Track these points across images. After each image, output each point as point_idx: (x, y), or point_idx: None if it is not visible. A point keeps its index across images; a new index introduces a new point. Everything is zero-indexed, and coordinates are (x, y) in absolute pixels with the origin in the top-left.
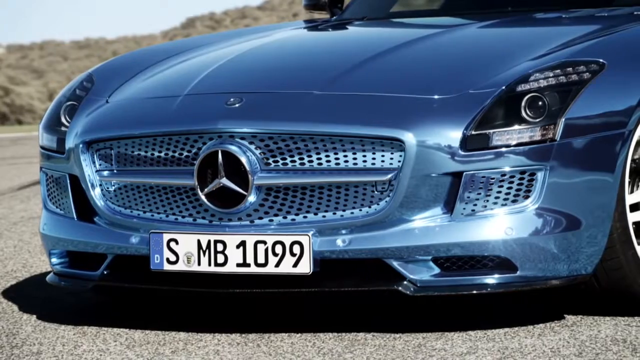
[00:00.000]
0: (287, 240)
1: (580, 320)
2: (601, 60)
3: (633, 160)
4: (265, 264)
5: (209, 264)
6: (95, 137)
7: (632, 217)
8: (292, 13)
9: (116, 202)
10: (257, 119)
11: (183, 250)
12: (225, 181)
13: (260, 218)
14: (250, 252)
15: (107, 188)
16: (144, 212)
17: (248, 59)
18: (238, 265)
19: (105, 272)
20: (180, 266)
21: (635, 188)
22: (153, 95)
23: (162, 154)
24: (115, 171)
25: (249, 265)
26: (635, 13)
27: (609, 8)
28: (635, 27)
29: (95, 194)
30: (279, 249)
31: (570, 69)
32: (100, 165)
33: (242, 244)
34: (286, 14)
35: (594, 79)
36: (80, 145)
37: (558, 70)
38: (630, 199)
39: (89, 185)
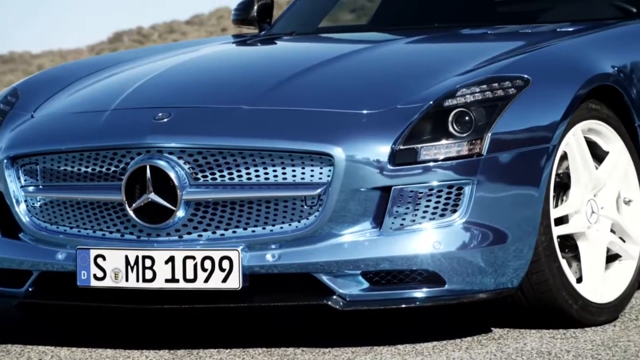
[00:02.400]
0: (216, 255)
1: (506, 334)
2: (526, 75)
3: (557, 175)
4: (194, 280)
5: (137, 280)
6: (20, 152)
7: (557, 230)
8: (221, 28)
9: (42, 218)
10: (186, 134)
11: (110, 266)
12: (153, 196)
13: (189, 233)
14: (179, 268)
15: (33, 204)
16: (71, 228)
17: (176, 73)
18: (167, 280)
19: (30, 289)
20: (108, 282)
21: (559, 202)
22: (80, 110)
23: (89, 169)
24: (40, 187)
25: (177, 280)
26: (558, 30)
27: (533, 25)
28: (558, 43)
29: (20, 210)
30: (208, 264)
31: (496, 85)
32: (25, 180)
33: (171, 259)
34: (215, 28)
35: (519, 95)
36: (5, 161)
37: (484, 86)
38: (554, 212)
39: (14, 201)
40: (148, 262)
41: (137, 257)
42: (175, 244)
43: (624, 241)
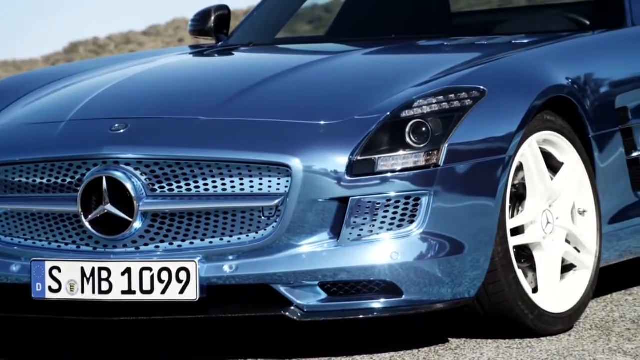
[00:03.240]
0: (174, 266)
1: (463, 344)
2: (482, 87)
3: (513, 185)
4: (151, 291)
5: (93, 292)
6: None
7: (513, 241)
8: (178, 38)
9: None
10: (143, 145)
11: (66, 278)
12: (109, 207)
13: (146, 244)
14: (136, 279)
15: None
16: (26, 239)
17: (133, 84)
18: (123, 292)
19: None
20: (63, 294)
21: (515, 212)
22: (35, 121)
23: (45, 181)
24: None
25: (134, 292)
26: (513, 42)
27: (488, 36)
28: (514, 55)
29: None
30: (165, 275)
31: (452, 96)
32: None
33: (128, 271)
34: (171, 39)
35: (476, 106)
36: None
37: (441, 97)
38: (511, 223)
39: None
40: (104, 274)
41: (93, 268)
42: (132, 255)
43: (578, 251)
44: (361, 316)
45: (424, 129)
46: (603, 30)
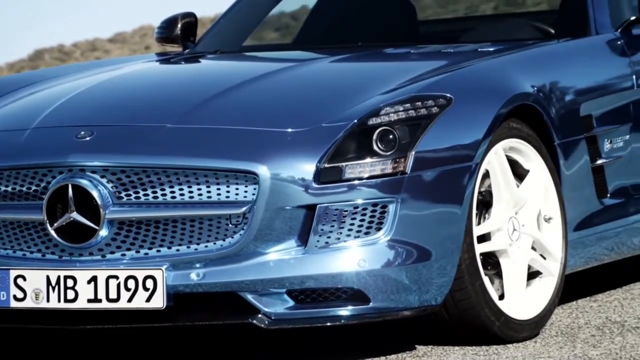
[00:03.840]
0: (140, 274)
1: (430, 351)
2: (448, 94)
3: (480, 193)
4: (117, 299)
5: (59, 301)
6: None
7: (480, 248)
8: (144, 46)
9: None
10: (109, 152)
11: (31, 287)
12: (75, 215)
13: (113, 252)
14: (102, 288)
15: None
16: None
17: (99, 91)
18: (89, 301)
19: None
20: (28, 303)
21: (482, 220)
22: (0, 129)
23: (9, 189)
24: None
25: (100, 300)
26: (479, 50)
27: (455, 44)
28: (480, 63)
29: None
30: (131, 283)
31: (419, 103)
32: None
33: (94, 279)
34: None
35: (442, 113)
36: None
37: (408, 105)
38: (477, 230)
39: None
40: (70, 282)
41: (58, 277)
42: (98, 263)
43: (544, 258)
44: (328, 324)
45: (391, 136)
46: (568, 38)
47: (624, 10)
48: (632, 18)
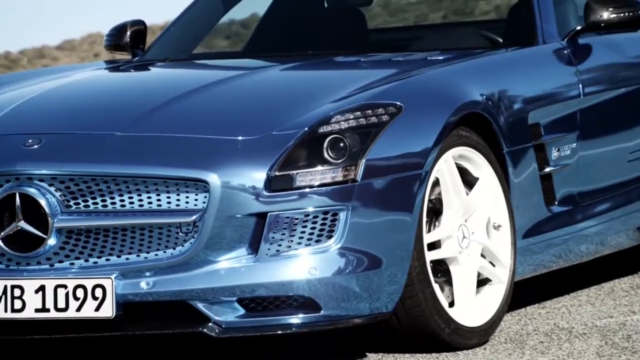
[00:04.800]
0: (89, 283)
1: (381, 358)
2: (398, 103)
3: (430, 201)
4: (65, 309)
5: (6, 310)
6: None
7: (430, 255)
8: (93, 53)
9: None
10: (57, 161)
11: None
12: (23, 224)
13: (61, 262)
14: (50, 297)
15: None
16: None
17: (47, 99)
18: (37, 310)
19: None
20: None
21: (432, 227)
22: None
23: None
24: None
25: (48, 310)
26: (429, 58)
27: (404, 53)
28: (430, 71)
29: None
30: (80, 292)
31: (369, 111)
32: None
33: (42, 288)
34: (87, 54)
35: (392, 121)
36: None
37: (358, 113)
38: (427, 238)
39: None
40: (17, 292)
41: (5, 286)
42: (46, 272)
43: (493, 265)
44: (279, 332)
45: (341, 144)
46: (516, 47)
47: (570, 20)
48: (578, 28)
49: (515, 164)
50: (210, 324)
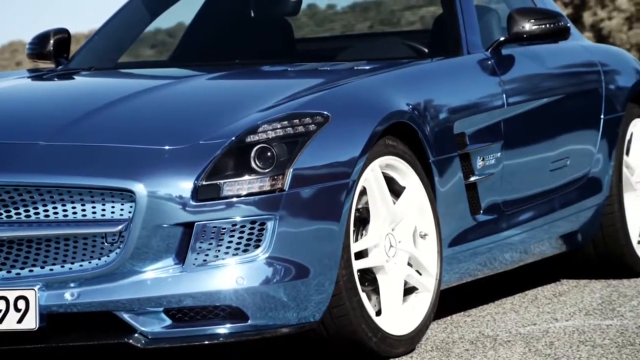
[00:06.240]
0: (11, 295)
1: None
2: (326, 112)
3: (357, 210)
4: None
5: None
6: None
7: (357, 264)
8: (15, 62)
9: None
10: None
11: None
12: None
13: None
14: None
15: None
16: None
17: None
18: None
19: None
20: None
21: (359, 236)
22: None
23: None
24: None
25: None
26: (355, 68)
27: (331, 62)
28: (356, 81)
29: None
30: (2, 304)
31: (296, 121)
32: None
33: None
34: (8, 62)
35: (320, 131)
36: None
37: (285, 122)
38: (355, 247)
39: None
40: None
41: None
42: None
43: (420, 274)
44: (206, 342)
45: (269, 153)
46: (441, 57)
47: (493, 31)
48: (502, 39)
49: (441, 173)
50: (136, 335)
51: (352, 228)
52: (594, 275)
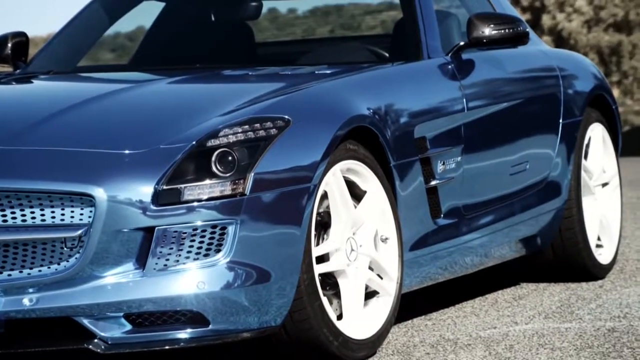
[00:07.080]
0: None
1: None
2: (287, 116)
3: (318, 214)
4: None
5: None
6: None
7: (318, 268)
8: None
9: None
10: None
11: None
12: None
13: None
14: None
15: None
16: None
17: None
18: None
19: None
20: None
21: (320, 240)
22: None
23: None
24: None
25: None
26: (316, 72)
27: (292, 67)
28: (317, 85)
29: None
30: None
31: (257, 125)
32: None
33: None
34: None
35: (281, 135)
36: None
37: (246, 126)
38: (316, 251)
39: None
40: None
41: None
42: None
43: (381, 278)
44: (167, 347)
45: (230, 158)
46: (401, 62)
47: (453, 35)
48: (462, 43)
49: (402, 177)
50: (96, 340)
51: (313, 232)
52: (553, 278)
